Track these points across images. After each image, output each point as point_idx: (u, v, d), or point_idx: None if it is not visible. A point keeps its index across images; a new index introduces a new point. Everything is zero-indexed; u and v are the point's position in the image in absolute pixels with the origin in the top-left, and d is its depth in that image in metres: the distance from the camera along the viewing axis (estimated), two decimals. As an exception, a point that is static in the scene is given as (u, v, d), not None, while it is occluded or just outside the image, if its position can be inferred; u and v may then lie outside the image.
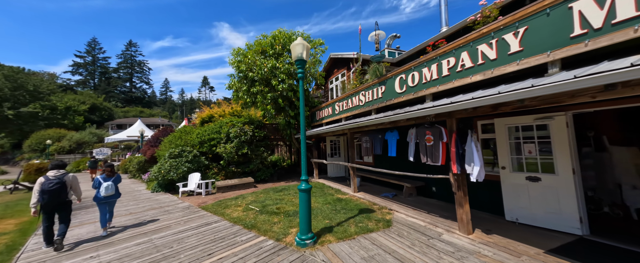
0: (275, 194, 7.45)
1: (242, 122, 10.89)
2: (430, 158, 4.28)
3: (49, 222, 4.13)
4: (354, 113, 6.85)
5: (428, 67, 4.15)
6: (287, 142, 15.04)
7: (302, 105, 3.95)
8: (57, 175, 4.19)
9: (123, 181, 13.85)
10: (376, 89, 5.79)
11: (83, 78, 66.39)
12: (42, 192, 3.98)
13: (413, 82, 4.51)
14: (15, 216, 6.96)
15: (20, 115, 27.55)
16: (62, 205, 4.20)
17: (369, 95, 6.06)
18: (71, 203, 4.38)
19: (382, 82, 5.52)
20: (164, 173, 9.11)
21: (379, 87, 5.69)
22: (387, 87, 5.33)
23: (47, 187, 3.99)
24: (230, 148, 10.18)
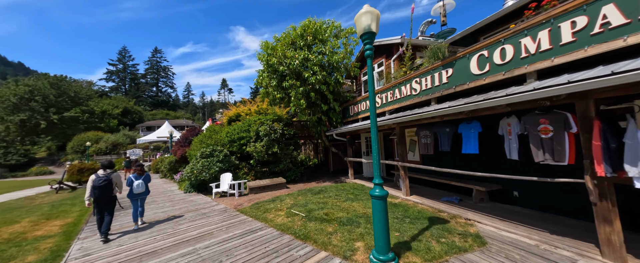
0: (315, 197, 6.82)
1: (270, 119, 10.43)
2: (550, 154, 3.22)
3: (100, 214, 4.68)
4: (404, 104, 5.98)
5: (532, 35, 3.20)
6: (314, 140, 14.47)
7: (371, 88, 3.22)
8: (106, 173, 4.72)
9: (156, 181, 14.16)
10: (437, 74, 4.89)
11: (115, 84, 71.45)
12: (93, 188, 4.58)
13: (503, 58, 3.57)
14: (61, 217, 7.03)
15: (64, 120, 29.92)
16: (109, 199, 4.76)
17: (427, 81, 5.17)
18: (116, 199, 4.93)
19: (448, 64, 4.62)
20: (197, 173, 8.90)
21: (441, 71, 4.79)
22: (457, 69, 4.42)
23: (98, 184, 4.58)
24: (260, 147, 9.76)
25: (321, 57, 8.49)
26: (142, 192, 5.36)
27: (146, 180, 5.49)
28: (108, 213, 4.68)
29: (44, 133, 29.63)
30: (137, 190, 5.25)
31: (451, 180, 5.84)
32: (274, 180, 9.43)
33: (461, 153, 5.29)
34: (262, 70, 9.72)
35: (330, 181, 10.43)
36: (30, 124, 28.01)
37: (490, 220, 4.05)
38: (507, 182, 4.95)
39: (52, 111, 29.55)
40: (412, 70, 6.28)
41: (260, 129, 10.15)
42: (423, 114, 4.54)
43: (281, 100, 9.81)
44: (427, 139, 5.78)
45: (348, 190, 7.34)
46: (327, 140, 11.16)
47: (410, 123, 5.49)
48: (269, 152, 9.97)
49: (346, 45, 9.11)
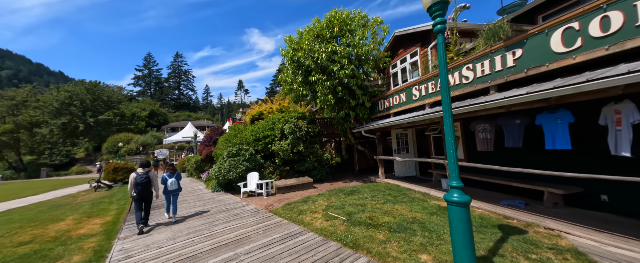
0: (348, 198, 6.38)
1: (295, 117, 10.14)
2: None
3: (140, 207, 5.21)
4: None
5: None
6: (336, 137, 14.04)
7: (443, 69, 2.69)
8: (145, 171, 5.30)
9: (183, 180, 14.57)
10: (499, 57, 4.22)
11: (142, 88, 76.02)
12: (136, 184, 5.14)
13: (605, 28, 2.86)
14: (100, 215, 7.25)
15: (99, 122, 32.19)
16: (149, 194, 5.35)
17: (484, 67, 4.50)
18: (152, 194, 5.45)
19: (514, 45, 3.93)
20: (224, 172, 8.84)
21: (505, 53, 4.11)
22: (529, 49, 3.73)
23: (139, 181, 5.15)
24: (286, 145, 9.50)
25: (349, 49, 7.99)
26: (175, 189, 5.86)
27: (178, 178, 5.99)
28: (147, 205, 5.35)
29: (82, 135, 32.09)
30: (171, 187, 5.77)
31: (511, 181, 5.09)
32: (300, 179, 9.14)
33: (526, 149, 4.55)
34: (286, 66, 9.42)
35: (357, 181, 9.94)
36: (70, 126, 30.46)
37: (583, 231, 3.34)
38: (593, 184, 4.13)
39: (88, 114, 31.91)
40: (459, 56, 5.58)
41: (285, 127, 9.90)
42: (491, 103, 3.84)
43: (306, 96, 9.47)
44: (486, 134, 5.08)
45: (383, 191, 6.82)
46: (353, 137, 10.66)
47: (462, 115, 4.84)
48: (294, 150, 9.70)
49: (375, 35, 8.53)
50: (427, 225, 3.90)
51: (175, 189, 5.84)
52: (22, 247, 4.79)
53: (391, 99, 8.02)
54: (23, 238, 5.33)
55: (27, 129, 28.40)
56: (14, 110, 29.40)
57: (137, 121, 40.26)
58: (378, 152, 8.94)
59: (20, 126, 27.80)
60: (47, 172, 28.43)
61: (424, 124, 7.69)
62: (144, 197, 5.21)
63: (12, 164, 29.03)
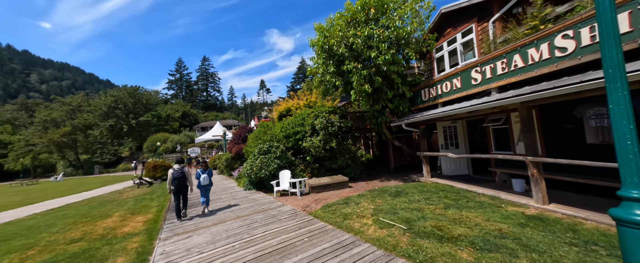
0: (397, 200, 5.59)
1: (326, 111, 9.51)
2: None
3: (177, 201, 5.80)
4: (531, 75, 4.23)
5: None
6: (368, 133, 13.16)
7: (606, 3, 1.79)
8: (180, 167, 5.91)
9: (215, 177, 14.92)
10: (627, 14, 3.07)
11: (175, 92, 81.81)
12: (173, 179, 5.73)
13: None
14: (142, 212, 7.40)
15: (139, 123, 35.13)
16: (185, 188, 5.89)
17: (594, 32, 3.36)
18: (188, 188, 5.99)
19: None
20: (256, 170, 8.56)
21: (636, 10, 2.96)
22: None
23: (176, 175, 5.75)
24: (317, 142, 8.93)
25: (388, 32, 7.08)
26: (207, 184, 6.38)
27: (209, 174, 6.51)
28: (183, 197, 5.89)
29: (126, 135, 35.31)
30: (203, 183, 6.31)
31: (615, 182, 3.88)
32: (334, 178, 8.53)
33: None
34: (316, 57, 8.78)
35: (396, 179, 9.03)
36: (116, 128, 33.67)
37: None
38: None
39: (131, 117, 34.98)
40: (547, 24, 4.40)
41: (316, 122, 9.32)
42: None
43: (338, 88, 8.75)
44: (601, 121, 3.90)
45: (436, 193, 5.89)
46: (389, 132, 9.72)
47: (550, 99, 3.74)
48: (326, 147, 9.10)
49: (416, 14, 7.45)
50: (526, 242, 2.98)
51: (207, 184, 6.40)
52: (72, 244, 4.87)
53: (439, 87, 6.96)
54: (74, 235, 5.49)
55: (82, 130, 31.98)
56: (71, 115, 33.30)
57: (171, 122, 43.26)
58: (422, 148, 7.92)
59: (77, 128, 31.37)
60: (99, 169, 31.79)
61: (481, 115, 6.53)
62: (181, 190, 5.82)
63: (71, 162, 33.02)
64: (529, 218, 3.76)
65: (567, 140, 5.02)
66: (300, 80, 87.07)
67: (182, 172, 5.81)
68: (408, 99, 8.48)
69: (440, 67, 8.13)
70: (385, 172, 11.01)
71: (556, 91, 3.37)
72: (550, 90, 3.45)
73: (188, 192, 5.98)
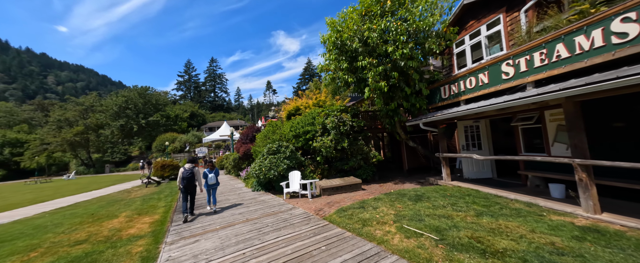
0: (419, 205, 5.14)
1: (337, 109, 9.12)
2: None
3: (187, 197, 5.77)
4: (580, 66, 3.73)
5: None
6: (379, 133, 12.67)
7: None
8: (190, 166, 5.94)
9: (222, 177, 14.73)
10: None
11: (183, 93, 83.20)
12: (182, 178, 5.78)
13: None
14: (149, 212, 7.19)
15: (149, 123, 35.67)
16: (193, 187, 5.91)
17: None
18: (196, 187, 6.02)
19: None
20: (265, 171, 8.25)
21: None
22: None
23: (185, 175, 5.79)
24: (328, 141, 8.55)
25: (406, 25, 6.64)
26: (214, 183, 6.45)
27: (216, 174, 6.58)
28: (192, 197, 5.92)
29: (136, 135, 35.91)
30: (210, 182, 6.37)
31: None
32: (346, 179, 8.12)
33: None
34: (327, 53, 8.42)
35: (412, 182, 8.54)
36: (127, 127, 34.28)
37: None
38: None
39: (141, 116, 35.55)
40: (601, 7, 3.88)
41: (327, 122, 8.95)
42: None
43: (350, 85, 8.36)
44: None
45: (462, 198, 5.40)
46: (404, 132, 9.24)
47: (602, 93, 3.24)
48: (337, 147, 8.70)
49: (435, 6, 6.97)
50: (591, 261, 2.50)
51: (214, 184, 6.47)
52: (76, 247, 4.64)
53: (462, 83, 6.46)
54: (79, 236, 5.28)
55: (94, 130, 32.68)
56: (84, 115, 34.13)
57: (180, 122, 43.80)
58: (441, 149, 7.42)
59: (89, 128, 32.08)
60: (110, 168, 32.36)
61: (509, 114, 6.00)
62: (189, 189, 5.84)
63: (84, 161, 33.77)
64: (583, 230, 3.25)
65: (617, 140, 4.46)
66: (306, 80, 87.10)
67: (191, 172, 5.91)
68: (425, 97, 8.00)
69: (460, 63, 7.62)
70: (399, 174, 10.51)
71: (621, 82, 2.88)
72: (612, 81, 2.95)
73: (196, 192, 6.06)
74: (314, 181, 7.57)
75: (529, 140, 6.08)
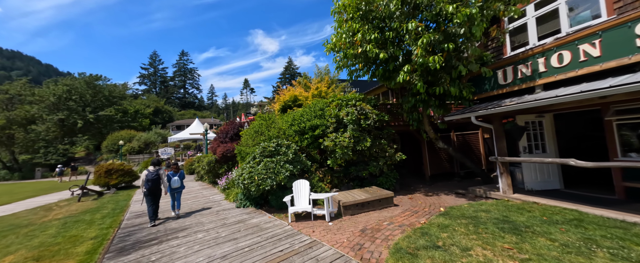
0: (533, 243, 3.20)
1: (355, 98, 6.99)
2: None
3: (152, 202, 5.49)
4: None
5: None
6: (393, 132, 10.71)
7: None
8: (155, 169, 5.62)
9: (191, 184, 11.58)
10: None
11: (147, 87, 74.12)
12: (147, 181, 5.45)
13: None
14: (63, 251, 4.25)
15: (99, 119, 29.66)
16: (159, 190, 5.63)
17: None
18: (161, 190, 5.70)
19: None
20: (258, 180, 5.73)
21: None
22: None
23: (150, 177, 5.49)
24: (346, 140, 6.35)
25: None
26: (178, 186, 6.13)
27: (181, 177, 6.28)
28: (156, 200, 5.58)
29: (81, 132, 29.60)
30: (174, 185, 6.04)
31: None
32: (370, 191, 6.01)
33: None
34: (345, 24, 6.27)
35: (445, 193, 6.78)
36: (69, 123, 27.97)
37: None
38: None
39: (88, 110, 29.40)
40: None
41: (341, 114, 6.76)
42: None
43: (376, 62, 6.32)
44: None
45: (566, 223, 3.62)
46: (433, 129, 7.46)
47: None
48: (356, 147, 6.55)
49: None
50: None
51: (179, 187, 6.15)
52: None
53: (541, 61, 4.80)
54: None
55: (22, 125, 25.96)
56: (7, 105, 27.03)
57: (140, 118, 37.74)
58: (498, 150, 5.69)
59: (14, 122, 25.36)
60: (42, 172, 25.92)
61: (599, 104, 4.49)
62: (154, 192, 5.50)
63: (6, 164, 26.67)
64: None
65: None
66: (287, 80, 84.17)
67: (157, 174, 5.60)
68: (473, 79, 6.27)
69: (517, 41, 6.03)
70: (420, 182, 8.72)
71: None
72: None
73: (161, 195, 5.73)
74: (330, 195, 5.29)
75: (627, 140, 4.58)
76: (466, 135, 9.31)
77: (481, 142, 9.32)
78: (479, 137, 9.35)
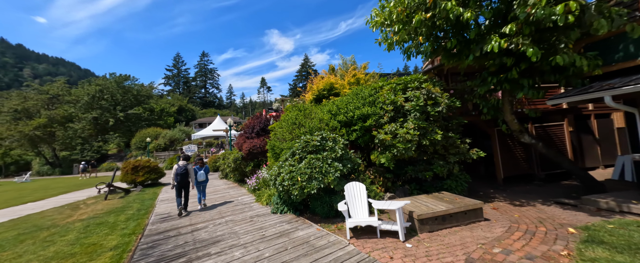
0: None
1: (418, 80, 5.54)
2: None
3: (180, 194, 5.97)
4: None
5: None
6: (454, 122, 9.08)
7: None
8: (184, 164, 6.07)
9: (215, 182, 10.83)
10: None
11: (171, 88, 77.43)
12: (176, 175, 5.93)
13: None
14: None
15: (129, 117, 30.80)
16: (186, 184, 6.06)
17: None
18: (189, 184, 6.12)
19: None
20: (302, 181, 4.55)
21: None
22: None
23: (179, 172, 5.94)
24: (412, 132, 4.94)
25: None
26: (203, 180, 6.55)
27: (206, 171, 6.66)
28: (185, 193, 6.03)
29: (113, 130, 30.96)
30: (200, 179, 6.46)
31: None
32: (444, 199, 4.59)
33: None
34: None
35: (543, 201, 5.14)
36: (101, 121, 29.32)
37: None
38: None
39: (118, 109, 30.65)
40: None
41: (399, 99, 5.35)
42: None
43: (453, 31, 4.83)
44: None
45: None
46: (516, 121, 5.79)
47: None
48: (422, 141, 5.12)
49: None
50: None
51: (204, 180, 6.54)
52: None
53: None
54: None
55: (61, 123, 27.61)
56: (48, 104, 28.92)
57: (165, 117, 38.95)
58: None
59: (54, 120, 27.01)
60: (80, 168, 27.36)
61: None
62: (183, 185, 5.96)
63: (48, 160, 28.63)
64: None
65: None
66: (303, 78, 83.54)
67: (185, 168, 5.96)
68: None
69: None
70: (489, 186, 7.06)
71: None
72: None
73: (190, 188, 6.10)
74: (401, 204, 3.94)
75: None
76: (547, 127, 7.43)
77: (567, 136, 7.39)
78: (564, 130, 7.43)
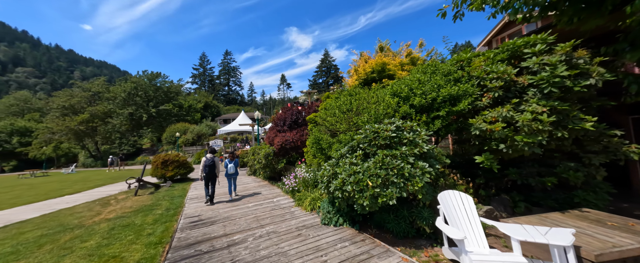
0: None
1: (541, 40, 3.81)
2: None
3: (208, 186, 6.29)
4: None
5: None
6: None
7: None
8: (212, 156, 6.34)
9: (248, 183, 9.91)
10: None
11: (198, 86, 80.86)
12: (205, 166, 6.21)
13: None
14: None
15: (160, 113, 32.01)
16: (214, 175, 6.30)
17: None
18: (216, 176, 6.33)
19: None
20: (373, 187, 3.16)
21: None
22: None
23: (208, 164, 6.21)
24: (544, 118, 3.27)
25: None
26: (233, 173, 6.63)
27: (236, 164, 6.73)
28: (212, 185, 6.30)
29: (146, 125, 32.43)
30: (230, 171, 6.57)
31: None
32: (622, 224, 2.88)
33: None
34: None
35: None
36: (136, 116, 30.80)
37: None
38: None
39: (151, 105, 31.97)
40: None
41: (511, 73, 3.68)
42: None
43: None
44: None
45: None
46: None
47: None
48: (555, 133, 3.42)
49: None
50: None
51: (234, 173, 6.63)
52: None
53: None
54: None
55: (101, 118, 29.44)
56: (90, 101, 31.03)
57: (193, 113, 40.17)
58: None
59: (95, 116, 28.85)
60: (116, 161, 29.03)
61: None
62: (211, 177, 6.22)
63: (91, 153, 30.83)
64: None
65: None
66: (323, 73, 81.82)
67: (212, 161, 6.19)
68: None
69: None
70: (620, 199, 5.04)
71: None
72: None
73: (216, 180, 6.33)
74: (569, 237, 2.35)
75: None
76: None
77: None
78: None
